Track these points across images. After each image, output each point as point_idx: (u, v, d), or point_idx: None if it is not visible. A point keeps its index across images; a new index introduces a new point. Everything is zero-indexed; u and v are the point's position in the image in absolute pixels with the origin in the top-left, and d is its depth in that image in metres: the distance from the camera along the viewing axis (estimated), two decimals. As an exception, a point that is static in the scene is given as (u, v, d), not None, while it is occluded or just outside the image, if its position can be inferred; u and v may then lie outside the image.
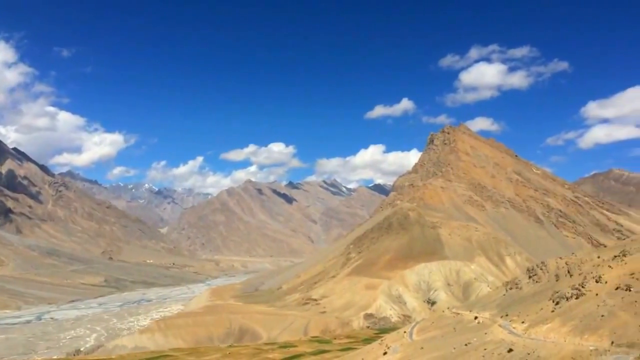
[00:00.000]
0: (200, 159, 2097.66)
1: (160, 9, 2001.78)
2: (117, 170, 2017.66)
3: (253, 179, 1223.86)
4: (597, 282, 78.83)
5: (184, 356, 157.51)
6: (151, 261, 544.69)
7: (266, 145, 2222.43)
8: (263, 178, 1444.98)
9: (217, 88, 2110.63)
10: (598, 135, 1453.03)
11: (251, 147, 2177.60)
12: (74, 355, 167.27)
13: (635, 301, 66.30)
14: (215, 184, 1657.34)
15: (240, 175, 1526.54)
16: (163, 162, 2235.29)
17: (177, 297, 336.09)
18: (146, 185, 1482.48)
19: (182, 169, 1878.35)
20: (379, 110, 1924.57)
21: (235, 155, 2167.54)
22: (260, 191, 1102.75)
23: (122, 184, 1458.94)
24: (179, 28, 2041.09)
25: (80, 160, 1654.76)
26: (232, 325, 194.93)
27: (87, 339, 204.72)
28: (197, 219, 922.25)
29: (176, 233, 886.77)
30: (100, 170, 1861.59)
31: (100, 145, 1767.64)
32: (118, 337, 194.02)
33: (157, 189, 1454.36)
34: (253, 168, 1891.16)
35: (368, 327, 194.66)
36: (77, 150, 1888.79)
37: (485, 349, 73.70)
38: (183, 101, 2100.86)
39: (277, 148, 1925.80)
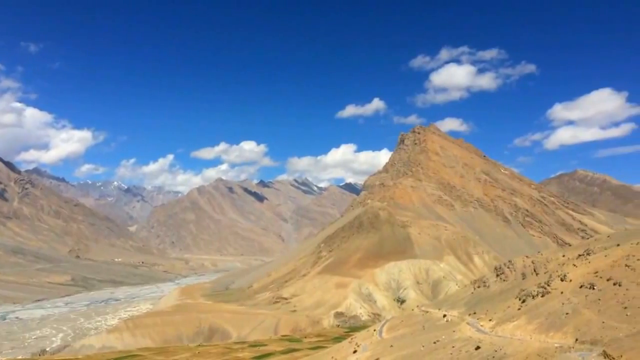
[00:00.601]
0: (170, 156, 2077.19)
1: (131, 6, 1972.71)
2: (86, 168, 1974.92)
3: (224, 177, 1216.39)
4: (562, 280, 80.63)
5: (153, 356, 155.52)
6: (120, 260, 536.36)
7: (237, 144, 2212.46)
8: (234, 176, 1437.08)
9: (188, 86, 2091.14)
10: (563, 136, 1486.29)
11: (222, 146, 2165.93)
12: (40, 355, 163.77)
13: (599, 299, 68.02)
14: (186, 182, 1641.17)
15: (211, 173, 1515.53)
16: (132, 160, 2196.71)
17: (146, 296, 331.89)
18: (115, 183, 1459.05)
19: (152, 167, 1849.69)
20: (350, 110, 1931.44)
21: (206, 153, 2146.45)
22: (231, 189, 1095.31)
23: (90, 182, 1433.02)
24: (149, 25, 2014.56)
25: (48, 157, 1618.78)
26: (201, 325, 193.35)
27: (53, 338, 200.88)
28: (166, 217, 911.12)
29: (145, 231, 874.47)
30: (68, 167, 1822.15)
31: (68, 142, 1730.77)
32: (85, 337, 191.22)
33: (126, 187, 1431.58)
34: (224, 166, 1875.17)
35: (338, 325, 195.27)
36: (45, 147, 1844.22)
37: (453, 347, 74.66)
38: (153, 98, 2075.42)
39: (249, 146, 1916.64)
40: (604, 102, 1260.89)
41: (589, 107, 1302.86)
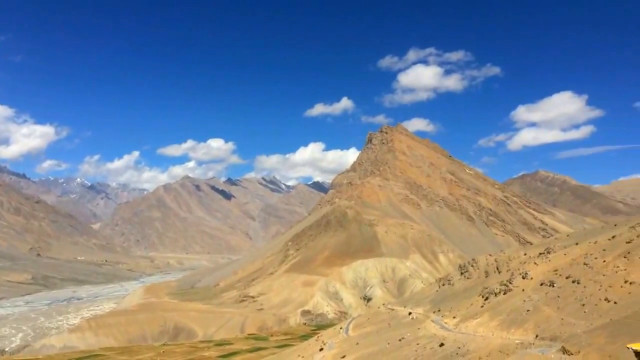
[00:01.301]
0: (136, 153, 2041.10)
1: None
2: (47, 164, 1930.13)
3: (191, 175, 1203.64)
4: (523, 278, 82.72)
5: (116, 355, 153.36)
6: (82, 258, 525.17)
7: (205, 141, 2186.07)
8: (201, 174, 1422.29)
9: (155, 81, 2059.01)
10: (526, 138, 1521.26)
11: (189, 143, 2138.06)
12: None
13: (558, 296, 70.05)
14: (152, 179, 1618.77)
15: (178, 170, 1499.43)
16: (97, 156, 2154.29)
17: (109, 295, 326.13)
18: (78, 179, 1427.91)
19: (116, 164, 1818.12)
20: (319, 109, 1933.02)
21: (172, 150, 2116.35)
22: (198, 187, 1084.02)
23: (52, 178, 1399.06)
24: (115, 19, 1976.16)
25: (8, 152, 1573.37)
26: (166, 324, 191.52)
27: (13, 338, 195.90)
28: (131, 215, 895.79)
29: (109, 229, 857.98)
30: (29, 163, 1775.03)
31: (30, 137, 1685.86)
32: (46, 337, 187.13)
33: (89, 184, 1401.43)
34: (191, 164, 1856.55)
35: (305, 323, 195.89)
36: (5, 142, 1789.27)
37: (418, 344, 75.83)
38: (119, 94, 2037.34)
39: (216, 144, 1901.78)
40: (565, 104, 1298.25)
41: (551, 110, 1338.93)
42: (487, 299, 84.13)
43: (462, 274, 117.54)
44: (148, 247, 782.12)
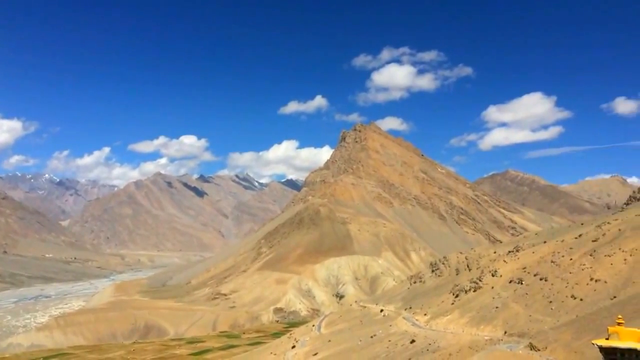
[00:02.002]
0: (106, 149, 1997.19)
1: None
2: (15, 159, 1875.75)
3: (163, 172, 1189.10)
4: (493, 275, 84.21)
5: (85, 354, 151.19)
6: (51, 255, 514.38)
7: (177, 138, 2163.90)
8: (173, 171, 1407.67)
9: (126, 76, 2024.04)
10: (497, 137, 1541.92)
11: (161, 139, 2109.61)
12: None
13: (526, 293, 71.55)
14: (122, 175, 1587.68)
15: (150, 167, 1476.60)
16: (66, 152, 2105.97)
17: (78, 293, 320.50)
18: (46, 175, 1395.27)
19: (86, 160, 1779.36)
20: (292, 106, 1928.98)
21: (144, 146, 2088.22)
22: (170, 184, 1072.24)
23: (19, 174, 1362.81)
24: (85, 10, 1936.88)
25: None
26: (137, 322, 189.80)
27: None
28: (101, 212, 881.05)
29: (79, 226, 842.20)
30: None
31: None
32: (13, 335, 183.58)
33: (58, 180, 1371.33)
34: (163, 160, 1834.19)
35: (277, 321, 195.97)
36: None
37: (389, 341, 76.58)
38: (90, 88, 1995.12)
39: (189, 140, 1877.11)
40: (535, 105, 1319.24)
41: (521, 110, 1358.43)
42: (457, 296, 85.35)
43: (433, 271, 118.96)
44: (118, 245, 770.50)
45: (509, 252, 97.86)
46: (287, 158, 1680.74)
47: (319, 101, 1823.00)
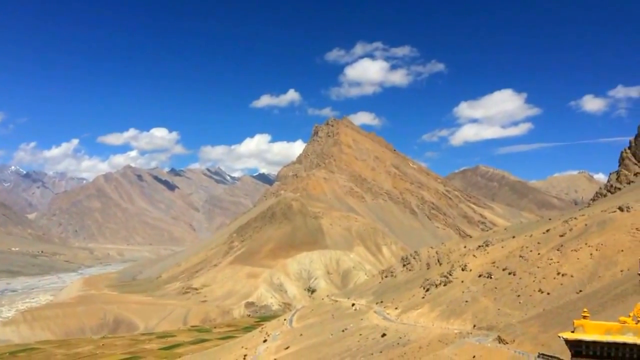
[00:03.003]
0: (75, 141, 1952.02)
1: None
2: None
3: (133, 165, 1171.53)
4: (463, 270, 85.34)
5: (53, 349, 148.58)
6: (17, 249, 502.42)
7: (148, 130, 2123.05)
8: (144, 164, 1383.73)
9: (95, 66, 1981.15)
10: (468, 133, 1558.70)
11: (131, 132, 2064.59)
12: None
13: (495, 287, 72.70)
14: (91, 168, 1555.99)
15: (119, 160, 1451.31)
16: (33, 144, 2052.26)
17: (45, 287, 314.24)
18: (13, 167, 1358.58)
19: (54, 151, 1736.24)
20: (265, 100, 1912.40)
21: (113, 139, 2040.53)
22: (140, 177, 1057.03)
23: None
24: (54, 0, 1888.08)
25: None
26: (106, 316, 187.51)
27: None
28: (70, 205, 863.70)
29: (46, 219, 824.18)
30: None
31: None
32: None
33: (25, 172, 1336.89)
34: (133, 153, 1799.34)
35: (249, 315, 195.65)
36: None
37: (360, 334, 77.00)
38: (58, 78, 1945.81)
39: (160, 133, 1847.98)
40: (505, 102, 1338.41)
41: (492, 107, 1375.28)
42: (428, 290, 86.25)
43: (404, 266, 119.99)
44: (87, 238, 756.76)
45: (479, 246, 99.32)
46: (260, 152, 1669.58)
47: (292, 95, 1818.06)
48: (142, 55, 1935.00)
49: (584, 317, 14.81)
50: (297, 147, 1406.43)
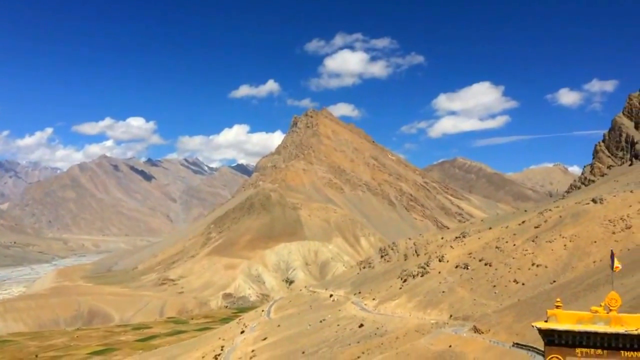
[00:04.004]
0: (49, 130, 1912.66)
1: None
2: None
3: (109, 154, 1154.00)
4: (440, 261, 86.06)
5: (26, 341, 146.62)
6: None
7: (124, 119, 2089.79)
8: (120, 154, 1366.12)
9: (70, 53, 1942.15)
10: (446, 125, 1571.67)
11: (107, 121, 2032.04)
12: None
13: (472, 278, 73.51)
14: (66, 157, 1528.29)
15: (95, 149, 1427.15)
16: (5, 132, 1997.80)
17: (18, 278, 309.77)
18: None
19: (27, 140, 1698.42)
20: (244, 90, 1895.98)
21: (89, 128, 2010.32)
22: (116, 167, 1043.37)
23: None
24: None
25: None
26: (80, 308, 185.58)
27: None
28: (43, 195, 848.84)
29: (19, 209, 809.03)
30: None
31: None
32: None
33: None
34: (109, 143, 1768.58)
35: (226, 306, 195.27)
36: None
37: (338, 325, 77.29)
38: (31, 65, 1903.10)
39: (136, 123, 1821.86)
40: (483, 94, 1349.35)
41: (470, 99, 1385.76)
42: (405, 281, 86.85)
43: (382, 257, 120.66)
44: (61, 229, 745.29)
45: (456, 238, 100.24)
46: (238, 142, 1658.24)
47: (271, 85, 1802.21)
48: (118, 43, 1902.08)
49: (557, 306, 15.01)
50: (276, 138, 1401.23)
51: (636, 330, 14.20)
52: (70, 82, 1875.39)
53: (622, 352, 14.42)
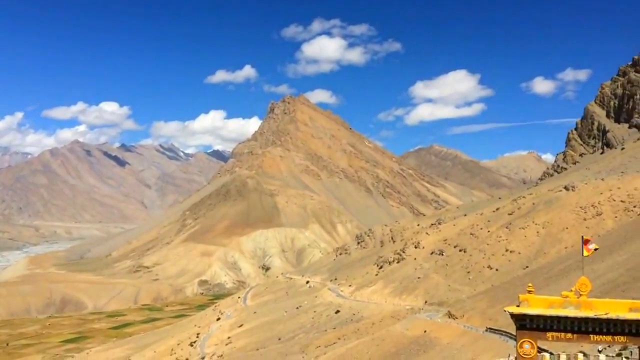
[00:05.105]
0: (19, 114, 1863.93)
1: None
2: None
3: (81, 140, 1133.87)
4: (415, 247, 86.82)
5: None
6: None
7: (97, 104, 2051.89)
8: (93, 139, 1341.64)
9: (41, 35, 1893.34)
10: (423, 113, 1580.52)
11: (80, 105, 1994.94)
12: None
13: (446, 264, 74.37)
14: (37, 143, 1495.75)
15: (67, 134, 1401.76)
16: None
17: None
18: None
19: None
20: (220, 75, 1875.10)
21: (60, 113, 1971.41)
22: (89, 153, 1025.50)
23: None
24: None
25: None
26: (52, 295, 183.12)
27: None
28: (13, 181, 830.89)
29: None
30: None
31: None
32: None
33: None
34: (82, 128, 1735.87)
35: (202, 293, 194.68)
36: None
37: (315, 311, 77.62)
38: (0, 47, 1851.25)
39: (110, 108, 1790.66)
40: (460, 82, 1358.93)
41: (446, 87, 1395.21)
42: (381, 267, 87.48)
43: (358, 243, 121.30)
44: (32, 216, 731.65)
45: (432, 224, 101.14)
46: (214, 128, 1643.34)
47: (248, 71, 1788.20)
48: (92, 25, 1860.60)
49: (529, 291, 15.18)
50: (252, 124, 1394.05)
51: (605, 314, 14.43)
52: (41, 65, 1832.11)
53: (592, 335, 14.66)
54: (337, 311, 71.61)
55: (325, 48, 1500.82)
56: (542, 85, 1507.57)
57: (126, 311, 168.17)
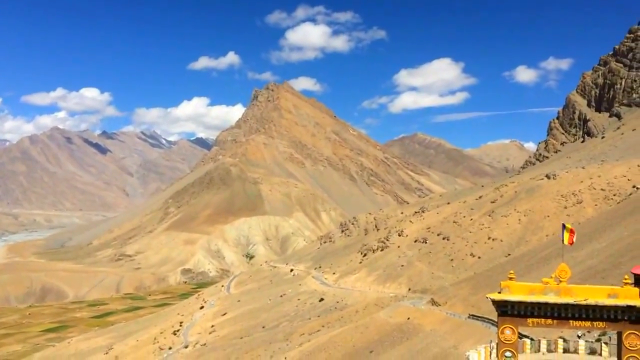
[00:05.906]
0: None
1: None
2: None
3: (61, 126, 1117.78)
4: (399, 235, 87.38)
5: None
6: None
7: (77, 90, 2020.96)
8: (73, 126, 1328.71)
9: (19, 18, 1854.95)
10: (407, 101, 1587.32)
11: (59, 91, 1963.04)
12: None
13: (430, 252, 74.97)
14: (15, 129, 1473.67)
15: (46, 121, 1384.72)
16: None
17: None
18: None
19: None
20: (203, 62, 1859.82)
21: (39, 98, 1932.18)
22: (69, 140, 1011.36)
23: None
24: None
25: None
26: (32, 284, 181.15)
27: None
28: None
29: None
30: None
31: None
32: None
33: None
34: (62, 114, 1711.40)
35: (185, 282, 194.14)
36: None
37: (299, 299, 77.88)
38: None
39: (91, 94, 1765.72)
40: (443, 71, 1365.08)
41: (430, 75, 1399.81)
42: (365, 255, 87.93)
43: (342, 231, 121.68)
44: (11, 203, 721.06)
45: (415, 212, 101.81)
46: (197, 115, 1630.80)
47: (231, 58, 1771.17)
48: (72, 9, 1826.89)
49: (510, 278, 15.40)
50: (236, 112, 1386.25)
51: (585, 300, 14.70)
52: (19, 50, 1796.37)
53: (571, 321, 14.93)
54: (321, 299, 71.99)
55: (310, 35, 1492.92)
56: (524, 74, 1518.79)
57: (108, 300, 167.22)
